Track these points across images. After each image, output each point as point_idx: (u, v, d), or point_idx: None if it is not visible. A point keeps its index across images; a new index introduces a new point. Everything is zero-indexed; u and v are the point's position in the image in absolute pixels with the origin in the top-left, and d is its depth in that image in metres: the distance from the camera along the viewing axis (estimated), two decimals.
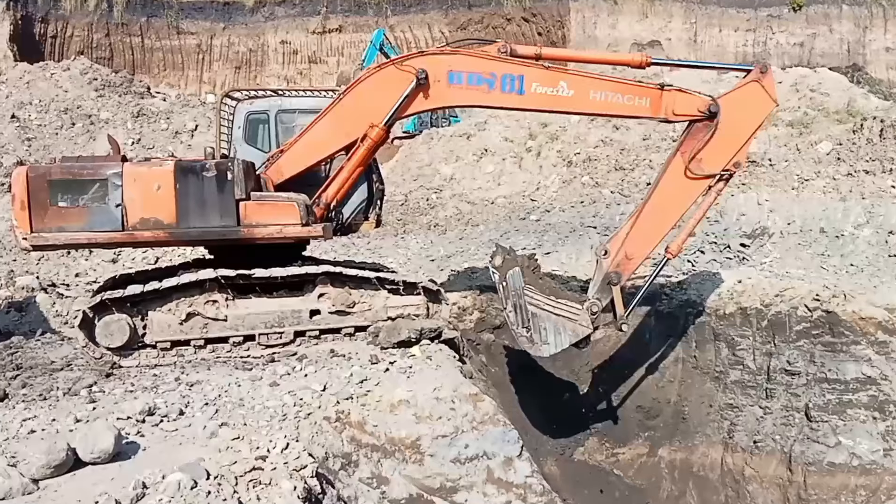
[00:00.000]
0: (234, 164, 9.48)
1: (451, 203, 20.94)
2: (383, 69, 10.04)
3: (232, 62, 34.78)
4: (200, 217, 9.42)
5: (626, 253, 10.08)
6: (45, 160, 22.05)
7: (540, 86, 9.75)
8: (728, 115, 9.77)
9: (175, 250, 15.60)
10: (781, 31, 28.09)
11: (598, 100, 9.83)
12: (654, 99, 9.86)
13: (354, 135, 9.94)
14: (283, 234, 9.67)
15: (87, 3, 32.20)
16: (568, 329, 10.11)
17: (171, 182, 9.34)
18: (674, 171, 10.05)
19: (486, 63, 9.77)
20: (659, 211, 10.07)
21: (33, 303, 13.44)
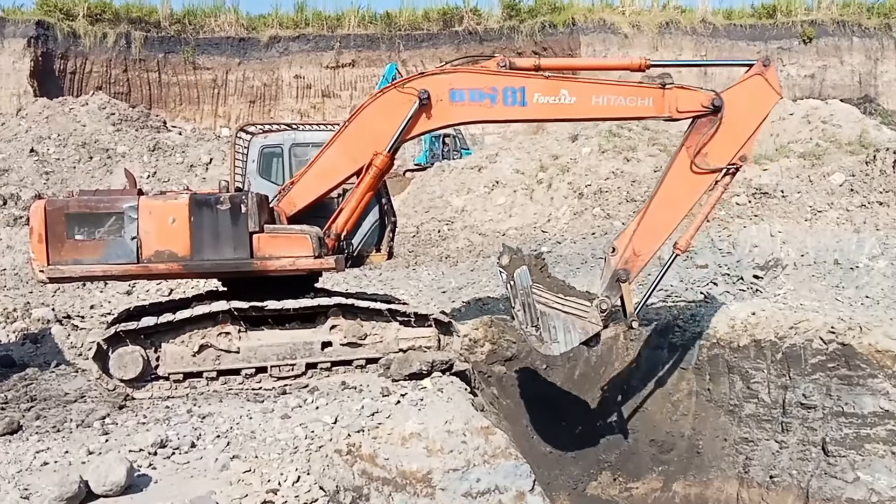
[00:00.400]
0: (247, 198, 9.59)
1: (462, 235, 20.99)
2: (385, 93, 10.15)
3: (246, 96, 35.17)
4: (214, 249, 9.52)
5: (634, 250, 10.08)
6: (62, 193, 22.32)
7: (542, 96, 9.83)
8: (732, 108, 9.84)
9: (189, 282, 15.70)
10: (792, 64, 28.18)
11: (600, 104, 9.88)
12: (656, 98, 9.89)
13: (362, 161, 10.05)
14: (296, 267, 9.72)
15: (106, 40, 32.71)
16: (577, 327, 10.03)
17: (185, 215, 9.47)
18: (679, 166, 10.06)
19: (487, 78, 9.89)
20: (666, 206, 10.07)
21: (48, 334, 13.53)
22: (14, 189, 21.28)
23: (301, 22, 37.01)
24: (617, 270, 10.09)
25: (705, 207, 10.21)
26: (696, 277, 15.26)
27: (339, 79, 36.74)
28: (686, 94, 9.97)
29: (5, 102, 30.23)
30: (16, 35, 31.45)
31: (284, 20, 37.14)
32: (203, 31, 35.26)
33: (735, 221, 16.44)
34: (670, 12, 30.28)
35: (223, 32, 35.47)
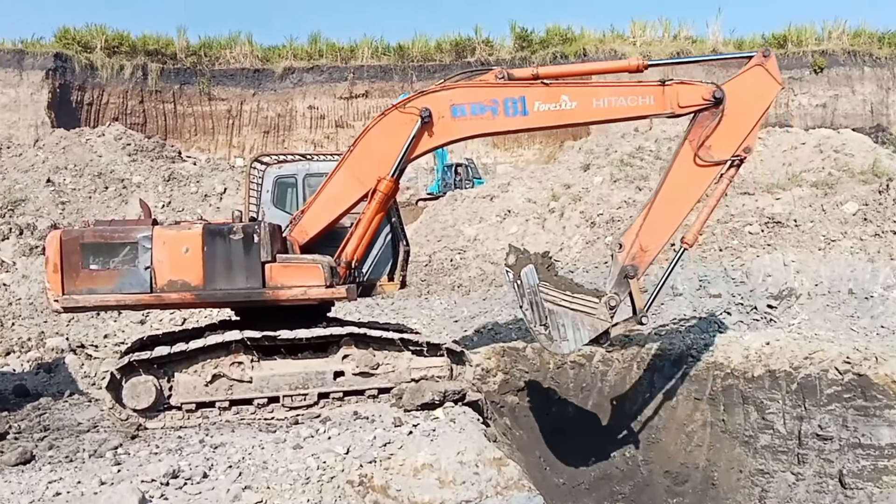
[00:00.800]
0: (260, 227, 9.66)
1: (474, 264, 21.00)
2: (387, 115, 10.22)
3: (261, 127, 35.52)
4: (227, 279, 9.57)
5: (640, 245, 10.04)
6: (78, 223, 22.52)
7: (542, 103, 9.86)
8: (734, 100, 9.82)
9: (202, 312, 15.77)
10: (803, 93, 28.20)
11: (601, 107, 9.88)
12: (657, 95, 9.88)
13: (369, 184, 10.10)
14: (308, 296, 9.75)
15: (122, 72, 33.18)
16: (586, 324, 9.96)
17: (199, 245, 9.54)
18: (683, 160, 10.03)
19: (487, 91, 9.95)
20: (671, 201, 10.03)
21: (62, 364, 13.60)
22: (30, 219, 21.46)
23: (315, 53, 37.43)
24: (625, 267, 10.05)
25: (711, 200, 10.19)
26: (710, 307, 15.19)
27: (352, 109, 37.06)
28: (687, 88, 9.95)
29: (23, 133, 30.62)
30: (34, 67, 31.95)
31: (299, 51, 37.56)
32: (218, 63, 35.72)
33: (748, 251, 16.39)
34: (681, 42, 30.45)
35: (238, 64, 35.92)
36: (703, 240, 17.60)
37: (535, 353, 14.29)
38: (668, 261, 11.07)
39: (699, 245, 17.29)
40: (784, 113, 27.99)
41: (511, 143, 35.34)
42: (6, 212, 22.01)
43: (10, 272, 18.93)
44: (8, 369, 13.54)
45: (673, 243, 12.08)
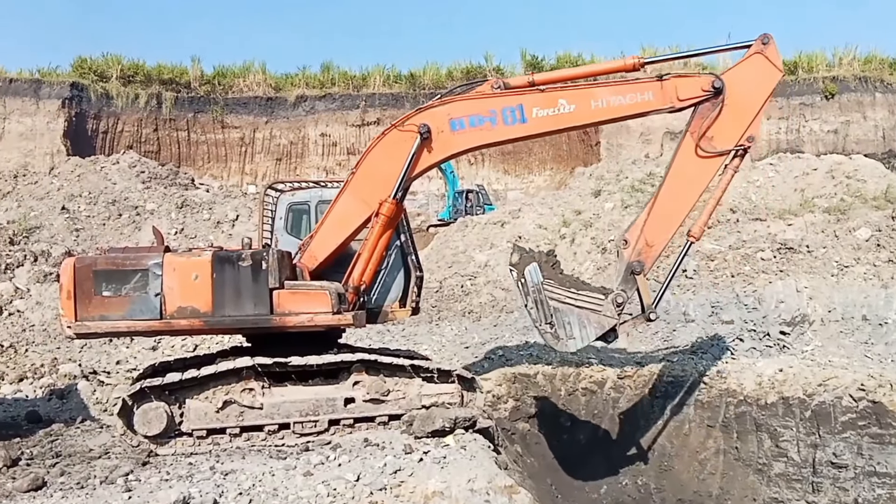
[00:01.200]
0: (268, 254, 9.71)
1: (485, 290, 21.00)
2: (387, 134, 10.21)
3: (273, 154, 35.79)
4: (235, 306, 9.61)
5: (646, 240, 9.91)
6: (91, 250, 22.69)
7: (540, 109, 9.82)
8: (734, 89, 9.74)
9: (213, 338, 15.81)
10: (815, 119, 28.19)
11: (600, 107, 9.81)
12: (655, 91, 9.81)
13: (374, 205, 10.11)
14: (315, 323, 9.74)
15: (137, 101, 33.57)
16: (592, 321, 9.81)
17: (208, 271, 9.59)
18: (685, 152, 9.91)
19: (484, 102, 9.96)
20: (675, 195, 9.92)
21: (75, 390, 13.65)
22: (45, 246, 21.65)
23: (327, 81, 37.78)
24: (631, 263, 9.90)
25: (717, 192, 10.04)
26: (722, 333, 15.13)
27: (364, 137, 37.30)
28: (685, 81, 9.88)
29: (39, 161, 30.98)
30: (51, 96, 32.37)
31: (311, 80, 37.90)
32: (232, 91, 36.11)
33: (760, 276, 16.33)
34: (691, 69, 30.55)
35: (251, 92, 36.30)
36: (715, 266, 17.57)
37: (546, 380, 14.26)
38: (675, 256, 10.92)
39: (711, 271, 17.26)
40: (795, 139, 27.99)
41: (522, 169, 35.48)
42: (21, 239, 22.21)
43: (24, 299, 19.08)
44: (21, 395, 13.60)
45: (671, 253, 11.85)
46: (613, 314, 9.83)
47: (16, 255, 20.51)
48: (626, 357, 14.88)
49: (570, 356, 14.63)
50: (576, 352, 10.60)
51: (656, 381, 14.00)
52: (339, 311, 9.73)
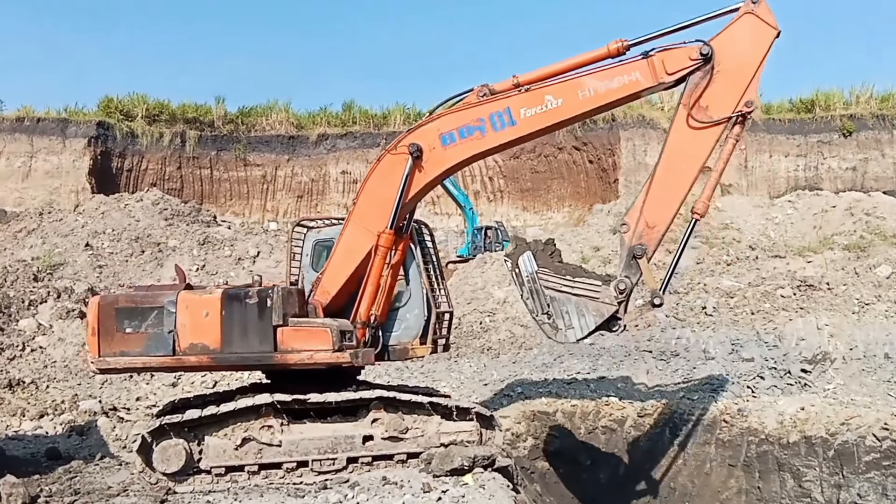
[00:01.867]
0: (273, 292, 9.78)
1: (504, 326, 20.96)
2: (381, 161, 10.16)
3: (294, 191, 36.10)
4: (242, 343, 9.71)
5: (646, 222, 9.36)
6: (114, 287, 22.94)
7: (528, 109, 9.57)
8: (725, 54, 9.23)
9: (233, 374, 15.87)
10: (833, 157, 28.14)
11: (588, 96, 9.47)
12: (642, 70, 9.40)
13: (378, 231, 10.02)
14: (314, 360, 9.71)
15: (162, 139, 34.08)
16: (591, 309, 9.34)
17: (218, 309, 9.73)
18: (680, 125, 9.38)
19: (472, 112, 9.76)
20: (673, 171, 9.38)
21: (94, 427, 13.72)
22: (68, 282, 21.91)
23: (348, 120, 38.17)
24: (632, 247, 9.33)
25: (719, 164, 9.41)
26: (743, 371, 15.02)
27: None
28: (671, 53, 9.38)
29: (64, 199, 31.45)
30: (77, 135, 32.95)
31: (332, 118, 38.31)
32: (254, 130, 36.59)
33: (780, 314, 16.24)
34: None
35: (274, 131, 36.74)
36: (735, 303, 17.51)
37: (565, 417, 14.18)
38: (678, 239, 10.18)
39: (730, 308, 17.18)
40: (814, 176, 27.93)
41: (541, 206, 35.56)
42: (45, 275, 22.50)
43: (46, 335, 19.27)
44: (41, 432, 13.70)
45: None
46: (612, 301, 9.34)
47: (39, 291, 20.76)
48: (646, 394, 14.78)
49: (588, 392, 14.58)
50: (575, 342, 9.92)
51: (677, 419, 13.89)
52: (341, 348, 9.65)
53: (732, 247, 21.49)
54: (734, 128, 9.29)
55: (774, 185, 28.54)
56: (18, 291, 20.54)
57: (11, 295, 20.24)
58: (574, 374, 15.96)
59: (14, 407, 14.79)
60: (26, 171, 32.41)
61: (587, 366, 16.37)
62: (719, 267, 20.38)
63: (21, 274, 21.81)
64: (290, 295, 9.94)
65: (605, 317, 9.42)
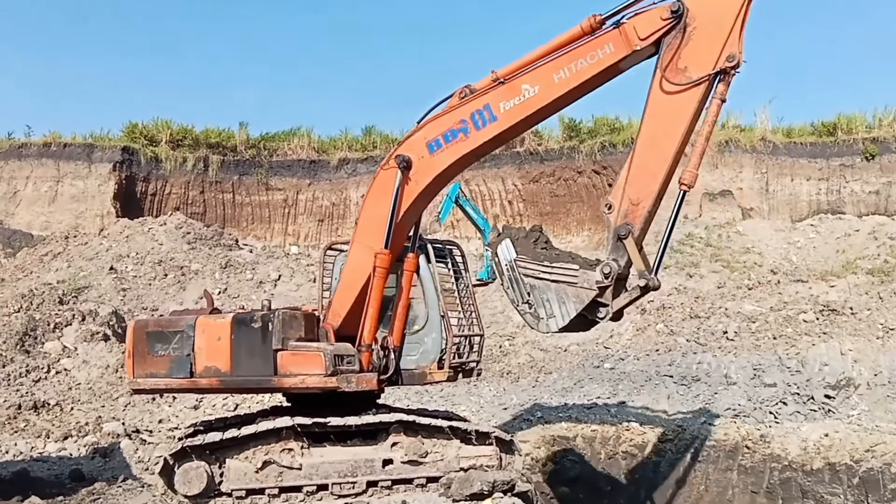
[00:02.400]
0: (274, 316, 9.87)
1: (523, 350, 20.95)
2: (375, 178, 10.17)
3: (315, 215, 36.26)
4: (248, 366, 9.86)
5: (630, 199, 8.63)
6: (137, 310, 23.19)
7: (507, 102, 9.31)
8: (699, 7, 8.55)
9: (254, 397, 15.97)
10: (855, 180, 27.94)
11: (564, 77, 9.05)
12: (615, 40, 8.86)
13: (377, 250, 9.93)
14: (306, 385, 9.75)
15: (185, 164, 34.44)
16: (571, 296, 8.73)
17: (228, 333, 9.93)
18: (658, 92, 8.68)
19: (454, 115, 9.61)
20: (653, 141, 8.67)
21: (118, 448, 13.86)
22: (93, 305, 22.18)
23: (369, 145, 38.36)
24: (617, 228, 8.65)
25: (704, 128, 8.58)
26: (765, 396, 14.89)
27: None
28: (642, 17, 8.80)
29: (89, 223, 31.81)
30: (102, 160, 33.36)
31: (353, 143, 38.54)
32: (276, 155, 36.89)
33: (803, 339, 16.12)
34: (729, 131, 30.50)
35: (295, 155, 36.98)
36: (757, 328, 17.40)
37: (585, 443, 14.13)
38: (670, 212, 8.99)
39: (752, 333, 17.07)
40: (836, 200, 27.72)
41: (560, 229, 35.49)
42: (70, 298, 22.79)
43: (71, 357, 19.50)
44: (65, 453, 13.85)
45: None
46: (592, 285, 8.67)
47: (64, 314, 21.02)
48: (667, 419, 14.69)
49: (609, 417, 14.52)
50: (557, 331, 9.30)
51: (698, 445, 13.79)
52: (334, 372, 9.59)
53: (754, 271, 21.40)
54: (718, 87, 8.53)
55: (796, 208, 28.35)
56: (44, 314, 20.82)
57: (37, 318, 20.51)
58: (594, 398, 15.91)
59: (39, 429, 14.98)
60: (52, 195, 32.84)
61: (607, 390, 16.31)
62: (740, 291, 20.28)
63: (47, 297, 22.11)
64: (292, 319, 10.01)
65: (584, 302, 8.77)
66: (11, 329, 19.50)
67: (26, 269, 26.85)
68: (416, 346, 10.46)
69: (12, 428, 14.99)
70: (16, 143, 34.45)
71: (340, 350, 9.79)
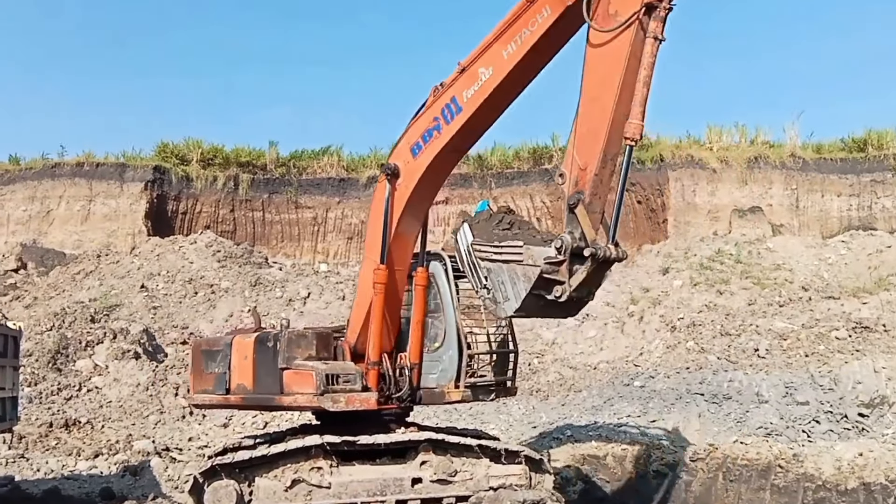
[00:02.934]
0: (281, 335, 10.00)
1: (552, 368, 20.86)
2: (376, 191, 10.19)
3: (345, 233, 36.48)
4: (264, 384, 10.02)
5: (578, 164, 8.00)
6: (168, 328, 23.44)
7: (468, 90, 9.09)
8: None
9: (283, 415, 16.05)
10: (887, 196, 27.60)
11: (512, 51, 8.64)
12: (551, 2, 8.34)
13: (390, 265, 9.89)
14: (298, 404, 9.93)
15: (215, 183, 34.85)
16: (520, 275, 8.07)
17: (252, 352, 10.15)
18: (592, 45, 8.04)
19: (429, 114, 9.51)
20: (593, 96, 8.00)
21: (148, 467, 13.97)
22: (124, 323, 22.45)
23: None
24: (569, 198, 8.02)
25: (642, 72, 7.75)
26: (797, 415, 14.69)
27: (432, 215, 37.38)
28: None
29: (121, 241, 32.27)
30: (134, 179, 33.89)
31: (382, 161, 38.75)
32: (306, 173, 37.21)
33: (835, 356, 15.90)
34: (759, 147, 30.31)
35: (324, 174, 37.29)
36: (788, 345, 17.19)
37: (616, 461, 14.01)
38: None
39: (783, 350, 16.87)
40: (867, 216, 27.38)
41: None
42: (102, 317, 23.10)
43: (102, 375, 19.73)
44: (96, 471, 13.99)
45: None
46: (536, 260, 7.98)
47: (96, 332, 21.30)
48: (698, 438, 14.53)
49: (639, 436, 14.40)
50: (512, 314, 8.59)
51: (730, 464, 13.62)
52: (325, 392, 9.55)
53: (784, 288, 21.17)
54: (650, 24, 7.75)
55: (827, 225, 28.08)
56: (76, 332, 21.11)
57: (69, 336, 20.81)
58: (624, 416, 15.79)
59: (70, 447, 15.16)
60: (85, 214, 33.38)
61: (637, 409, 16.19)
62: (771, 308, 20.06)
63: (79, 315, 22.44)
64: (300, 338, 10.07)
65: (531, 280, 8.01)
66: (44, 347, 19.79)
67: (59, 287, 27.27)
68: (435, 364, 10.35)
69: (44, 446, 15.19)
70: (49, 162, 35.10)
71: (336, 369, 9.80)
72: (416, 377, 10.18)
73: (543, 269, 7.85)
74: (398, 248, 9.96)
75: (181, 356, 21.50)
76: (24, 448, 14.84)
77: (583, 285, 7.91)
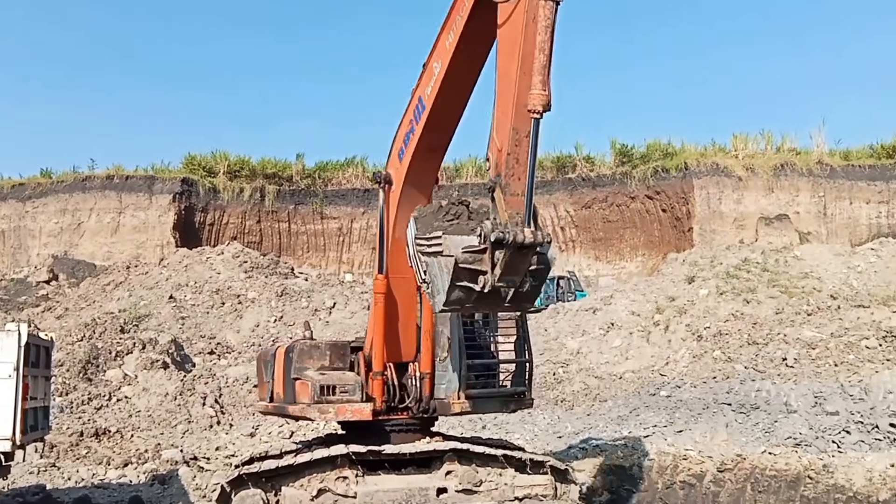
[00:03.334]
0: (295, 346, 10.35)
1: (577, 378, 20.78)
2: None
3: (369, 243, 36.74)
4: (287, 393, 10.35)
5: (497, 145, 7.58)
6: (195, 338, 23.68)
7: (427, 87, 9.13)
8: None
9: (309, 424, 16.13)
10: None
11: (452, 39, 8.55)
12: None
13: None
14: (293, 413, 10.33)
15: (242, 194, 35.24)
16: (443, 266, 7.70)
17: (282, 361, 10.51)
18: (499, 24, 7.63)
19: (406, 118, 9.64)
20: (501, 73, 7.61)
21: (176, 476, 14.09)
22: (152, 334, 22.72)
23: None
24: (489, 182, 7.64)
25: (538, 37, 7.18)
26: (827, 425, 14.49)
27: None
28: None
29: (150, 253, 32.74)
30: (163, 191, 34.41)
31: None
32: (331, 184, 37.54)
33: (866, 366, 15.69)
34: (785, 154, 30.11)
35: (349, 185, 37.63)
36: (817, 354, 16.99)
37: (642, 472, 13.92)
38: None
39: (812, 360, 16.68)
40: None
41: (613, 255, 35.30)
42: (131, 327, 23.39)
43: (131, 385, 19.97)
44: (125, 480, 14.14)
45: None
46: (454, 251, 7.61)
47: (126, 342, 21.57)
48: (726, 448, 14.39)
49: (666, 446, 14.31)
50: (445, 308, 8.01)
51: (758, 475, 13.47)
52: (318, 402, 9.64)
53: (813, 296, 20.95)
54: None
55: (855, 232, 27.81)
56: (106, 343, 21.39)
57: (99, 346, 21.09)
58: (651, 426, 15.68)
59: (100, 455, 15.34)
60: (115, 226, 33.91)
61: (664, 418, 16.07)
62: (799, 317, 19.85)
63: (108, 326, 22.74)
64: (312, 349, 10.36)
65: (450, 270, 7.60)
66: (74, 357, 20.07)
67: (89, 298, 27.67)
68: (444, 374, 10.30)
69: (74, 455, 15.39)
70: (80, 175, 35.71)
71: (332, 380, 9.89)
72: (427, 387, 10.09)
73: (459, 259, 7.43)
74: (400, 255, 9.48)
75: (208, 366, 21.72)
76: (56, 457, 15.05)
77: (506, 274, 7.35)
